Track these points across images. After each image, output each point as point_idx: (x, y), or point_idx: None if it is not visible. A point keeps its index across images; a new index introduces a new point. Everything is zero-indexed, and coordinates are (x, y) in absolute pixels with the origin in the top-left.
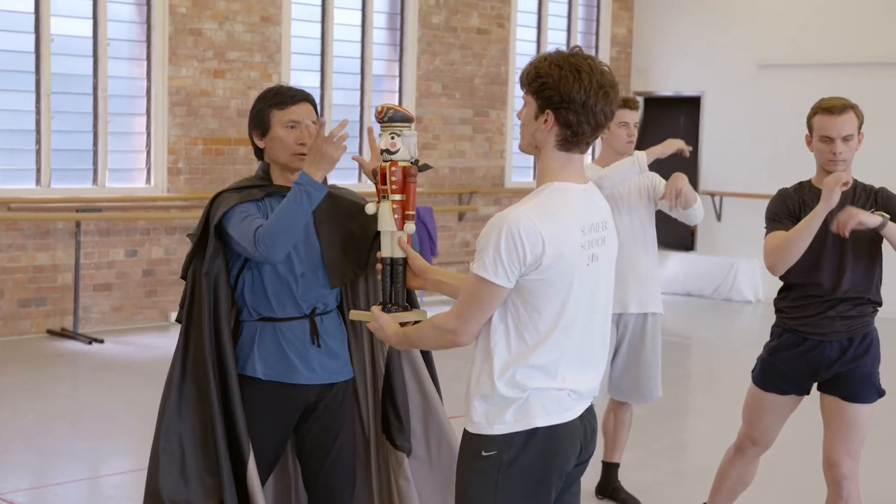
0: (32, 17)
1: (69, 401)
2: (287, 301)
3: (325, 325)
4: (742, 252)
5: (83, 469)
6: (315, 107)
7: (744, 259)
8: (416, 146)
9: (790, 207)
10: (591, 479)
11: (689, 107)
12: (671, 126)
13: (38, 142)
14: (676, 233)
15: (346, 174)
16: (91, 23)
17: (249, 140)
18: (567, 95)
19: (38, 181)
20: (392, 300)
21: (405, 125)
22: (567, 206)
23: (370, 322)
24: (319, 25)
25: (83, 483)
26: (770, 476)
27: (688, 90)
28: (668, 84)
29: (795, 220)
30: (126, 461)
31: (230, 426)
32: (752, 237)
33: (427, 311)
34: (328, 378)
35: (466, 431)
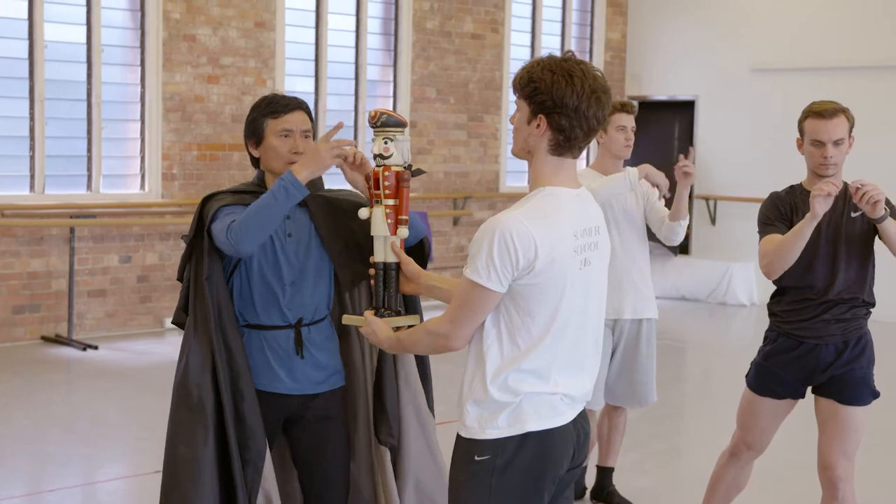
0: (26, 24)
1: (63, 407)
2: (273, 309)
3: (312, 336)
4: (736, 256)
5: (77, 475)
6: (309, 114)
7: (738, 263)
8: (410, 151)
9: (782, 211)
10: (586, 484)
11: (684, 111)
12: (665, 130)
13: (32, 148)
14: None
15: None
16: (85, 29)
17: (245, 149)
18: (559, 100)
19: (32, 187)
20: (385, 305)
21: (398, 130)
22: (559, 211)
23: (363, 327)
24: (314, 31)
25: (77, 489)
26: (764, 480)
27: (682, 94)
28: (663, 88)
29: (788, 223)
30: (120, 467)
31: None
32: (747, 241)
33: (423, 317)
34: (312, 389)
35: (459, 436)
